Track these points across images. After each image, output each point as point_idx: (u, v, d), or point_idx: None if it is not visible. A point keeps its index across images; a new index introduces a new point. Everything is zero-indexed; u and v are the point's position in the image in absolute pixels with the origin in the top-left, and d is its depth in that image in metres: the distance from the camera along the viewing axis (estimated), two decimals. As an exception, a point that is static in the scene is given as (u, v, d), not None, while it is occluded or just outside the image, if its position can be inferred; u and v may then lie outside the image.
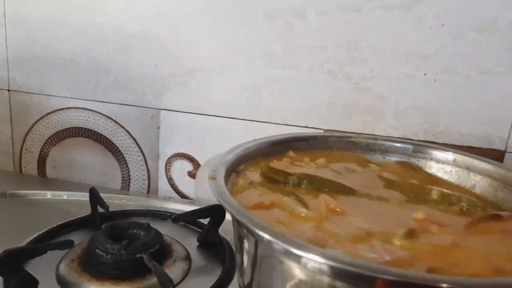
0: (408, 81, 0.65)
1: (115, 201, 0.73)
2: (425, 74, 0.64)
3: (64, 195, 0.72)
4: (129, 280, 0.53)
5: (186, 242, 0.63)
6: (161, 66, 0.73)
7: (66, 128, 0.79)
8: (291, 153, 0.48)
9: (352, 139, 0.51)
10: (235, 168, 0.42)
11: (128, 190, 0.79)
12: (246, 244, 0.35)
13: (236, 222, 0.36)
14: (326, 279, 0.31)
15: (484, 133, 0.65)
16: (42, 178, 0.82)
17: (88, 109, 0.77)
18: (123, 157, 0.78)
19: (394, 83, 0.66)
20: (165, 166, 0.77)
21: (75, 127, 0.78)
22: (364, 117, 0.68)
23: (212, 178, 0.36)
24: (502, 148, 0.64)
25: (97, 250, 0.54)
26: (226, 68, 0.70)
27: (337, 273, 0.30)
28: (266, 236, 0.30)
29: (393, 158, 0.51)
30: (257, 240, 0.33)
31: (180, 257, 0.59)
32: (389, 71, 0.65)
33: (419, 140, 0.64)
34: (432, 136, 0.66)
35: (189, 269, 0.57)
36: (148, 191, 0.79)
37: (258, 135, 0.60)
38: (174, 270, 0.56)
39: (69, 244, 0.54)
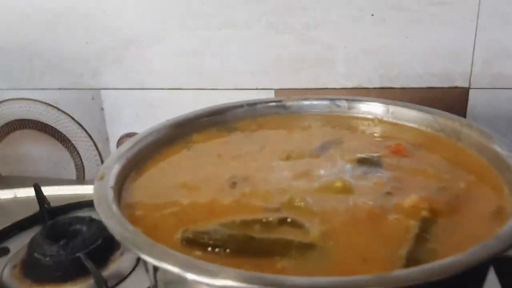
0: (355, 25, 0.60)
1: (71, 193, 0.69)
2: (372, 14, 0.59)
3: (13, 194, 0.68)
4: (72, 281, 0.50)
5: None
6: (91, 42, 0.67)
7: (9, 122, 0.75)
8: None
9: (282, 102, 0.46)
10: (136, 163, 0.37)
11: (84, 178, 0.75)
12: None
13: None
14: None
15: (444, 71, 0.60)
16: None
17: (27, 99, 0.72)
18: (72, 144, 0.74)
19: (341, 29, 0.60)
20: (117, 148, 0.73)
21: (18, 120, 0.74)
22: (314, 70, 0.63)
23: (100, 178, 0.31)
24: (466, 85, 0.60)
25: (36, 254, 0.51)
26: (159, 35, 0.65)
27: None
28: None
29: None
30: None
31: (129, 247, 0.55)
32: (333, 16, 0.59)
33: (368, 88, 0.61)
34: (388, 81, 0.61)
35: (139, 259, 0.54)
36: (104, 176, 0.75)
37: (207, 104, 0.55)
38: (120, 264, 0.52)
39: (3, 252, 0.51)
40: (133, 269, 0.53)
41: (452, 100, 0.61)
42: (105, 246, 0.54)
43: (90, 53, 0.68)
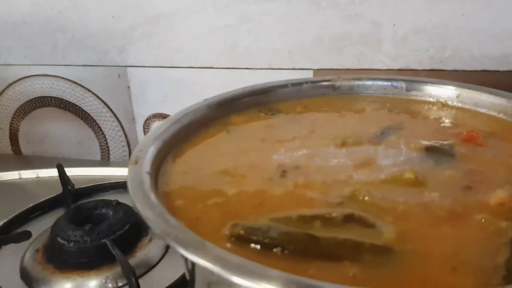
0: (405, 0, 0.54)
1: (95, 174, 0.66)
2: (425, -11, 0.53)
3: (35, 174, 0.65)
4: (97, 269, 0.47)
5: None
6: (119, 17, 0.64)
7: (32, 99, 0.72)
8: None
9: (331, 82, 0.42)
10: (172, 146, 0.32)
11: (108, 159, 0.72)
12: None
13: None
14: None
15: (501, 53, 0.54)
16: (16, 156, 0.75)
17: (50, 75, 0.69)
18: (97, 123, 0.70)
19: (389, 5, 0.55)
20: (144, 129, 0.69)
21: (41, 97, 0.71)
22: (358, 49, 0.58)
23: (134, 162, 0.27)
24: (525, 69, 0.54)
25: (59, 238, 0.48)
26: (191, 10, 0.61)
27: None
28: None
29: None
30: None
31: (157, 234, 0.52)
32: (381, -10, 0.54)
33: (417, 70, 0.55)
34: (439, 62, 0.56)
35: (168, 246, 0.51)
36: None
37: (239, 84, 0.52)
38: (148, 251, 0.49)
39: (25, 236, 0.48)
40: (162, 257, 0.50)
41: (509, 85, 0.56)
42: (133, 232, 0.50)
43: (117, 28, 0.64)
